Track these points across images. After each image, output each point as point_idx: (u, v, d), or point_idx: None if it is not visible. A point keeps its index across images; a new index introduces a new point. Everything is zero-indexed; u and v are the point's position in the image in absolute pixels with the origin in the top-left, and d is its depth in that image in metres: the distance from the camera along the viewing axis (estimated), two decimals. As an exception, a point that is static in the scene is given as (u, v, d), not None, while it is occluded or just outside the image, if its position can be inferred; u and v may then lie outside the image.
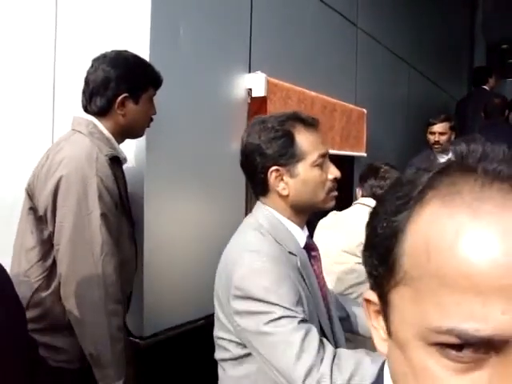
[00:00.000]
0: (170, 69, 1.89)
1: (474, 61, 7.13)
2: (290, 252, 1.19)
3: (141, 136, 1.68)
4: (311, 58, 2.84)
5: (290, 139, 1.21)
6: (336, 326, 1.31)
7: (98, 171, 1.43)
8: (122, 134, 1.61)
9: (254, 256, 1.13)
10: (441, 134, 3.61)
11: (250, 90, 2.28)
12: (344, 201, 3.21)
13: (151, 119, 1.67)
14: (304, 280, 1.17)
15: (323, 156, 1.24)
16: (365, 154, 3.34)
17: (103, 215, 1.42)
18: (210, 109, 2.11)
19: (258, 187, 1.27)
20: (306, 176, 1.22)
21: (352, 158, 3.32)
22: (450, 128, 3.64)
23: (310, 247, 1.30)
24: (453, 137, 3.68)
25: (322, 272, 1.31)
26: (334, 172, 1.26)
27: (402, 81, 4.40)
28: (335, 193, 1.28)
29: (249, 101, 2.29)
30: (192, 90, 2.02)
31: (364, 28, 3.46)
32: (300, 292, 1.12)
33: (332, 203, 1.29)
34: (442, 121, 3.63)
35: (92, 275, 1.40)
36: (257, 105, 2.29)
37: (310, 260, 1.27)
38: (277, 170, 1.21)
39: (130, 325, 1.78)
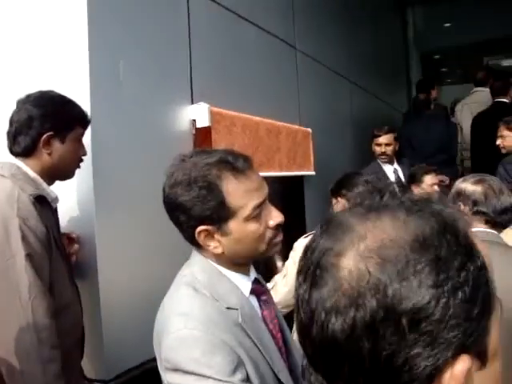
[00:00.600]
0: (113, 105, 1.89)
1: (410, 72, 7.42)
2: (228, 308, 1.05)
3: (70, 177, 1.65)
4: (254, 83, 2.87)
5: (216, 195, 1.02)
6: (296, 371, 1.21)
7: (20, 211, 1.38)
8: (50, 174, 1.57)
9: (181, 321, 1.00)
10: (386, 145, 3.74)
11: (194, 121, 2.28)
12: (296, 221, 3.25)
13: (81, 159, 1.65)
14: (249, 336, 1.03)
15: (260, 206, 1.06)
16: (313, 173, 3.39)
17: (28, 256, 1.36)
18: (155, 143, 2.09)
19: (188, 240, 1.10)
20: (240, 233, 1.05)
21: (301, 177, 3.36)
22: (394, 139, 3.77)
23: (257, 292, 1.15)
24: (397, 147, 3.82)
25: (275, 317, 1.17)
26: (275, 218, 1.09)
27: (344, 97, 4.51)
28: (279, 238, 1.12)
29: (193, 132, 2.29)
30: (136, 126, 2.00)
31: (303, 50, 3.54)
32: (241, 355, 0.99)
33: (275, 250, 1.13)
34: (387, 132, 3.74)
35: (21, 320, 1.32)
36: (202, 135, 2.30)
37: (260, 306, 1.15)
38: (205, 230, 1.04)
39: (90, 369, 1.73)
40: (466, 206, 1.72)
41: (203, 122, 2.26)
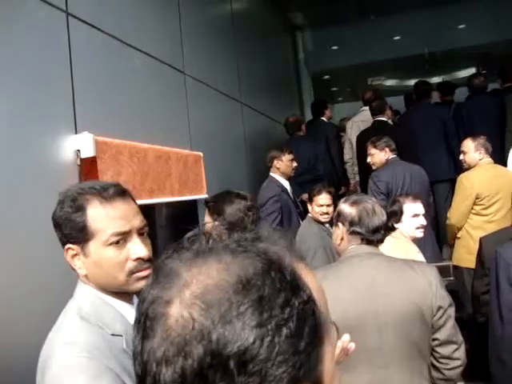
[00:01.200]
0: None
1: (302, 92, 7.76)
2: (113, 334, 1.08)
3: None
4: (142, 110, 2.88)
5: (80, 216, 1.10)
6: None
7: None
8: None
9: (67, 351, 1.03)
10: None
11: (79, 151, 2.24)
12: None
13: None
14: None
15: (120, 234, 1.11)
16: (206, 196, 3.44)
17: None
18: (37, 175, 2.03)
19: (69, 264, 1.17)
20: (97, 257, 1.10)
21: (194, 201, 3.40)
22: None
23: None
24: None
25: None
26: (137, 251, 1.12)
27: (236, 119, 4.63)
28: (143, 273, 1.13)
29: (78, 162, 2.25)
30: (15, 158, 1.93)
31: (191, 74, 3.59)
32: (126, 382, 1.01)
33: (139, 285, 1.12)
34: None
35: None
36: (87, 165, 2.26)
37: None
38: (71, 249, 1.12)
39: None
40: (344, 226, 1.87)
41: (87, 152, 2.23)
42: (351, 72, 8.36)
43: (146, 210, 2.72)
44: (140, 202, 2.51)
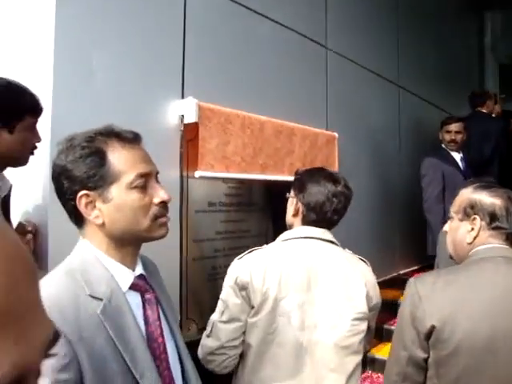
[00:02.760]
0: (82, 97, 1.81)
1: (484, 80, 6.87)
2: (91, 296, 0.98)
3: (23, 164, 1.58)
4: (268, 82, 2.72)
5: (99, 158, 1.03)
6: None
7: None
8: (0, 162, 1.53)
9: None
10: (456, 132, 3.85)
11: (183, 116, 2.17)
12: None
13: (34, 147, 1.58)
14: (106, 330, 0.96)
15: (144, 176, 1.05)
16: (337, 181, 3.16)
17: None
18: (142, 136, 2.00)
19: (72, 217, 1.08)
20: (121, 200, 1.03)
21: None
22: (464, 128, 3.88)
23: (141, 289, 1.10)
24: (465, 137, 3.91)
25: (158, 319, 1.10)
26: (160, 195, 1.08)
27: (390, 103, 4.21)
28: (165, 219, 1.10)
29: (182, 128, 2.18)
30: (111, 119, 1.92)
31: (335, 49, 3.33)
32: (79, 352, 0.91)
33: (162, 231, 1.09)
34: (457, 121, 3.87)
35: None
36: (190, 131, 2.18)
37: (143, 304, 1.09)
38: (86, 196, 1.03)
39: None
40: (483, 220, 1.47)
41: (191, 117, 2.14)
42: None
43: (261, 186, 2.61)
44: (248, 176, 2.39)
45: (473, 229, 1.48)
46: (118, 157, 1.04)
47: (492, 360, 1.28)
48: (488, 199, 1.47)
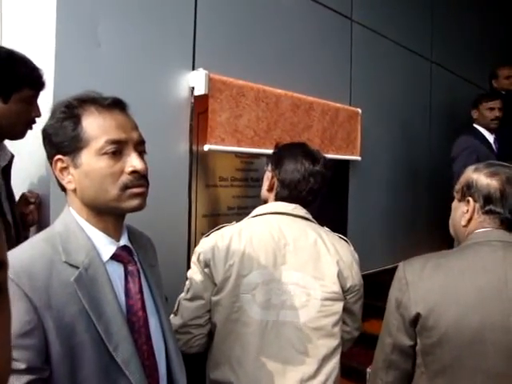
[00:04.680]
0: (87, 68, 1.78)
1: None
2: (67, 263, 0.96)
3: (19, 138, 1.57)
4: (287, 54, 2.63)
5: (74, 123, 1.00)
6: (172, 363, 1.12)
7: None
8: None
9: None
10: (500, 109, 3.62)
11: (193, 88, 2.12)
12: (339, 206, 2.97)
13: (33, 121, 1.56)
14: (80, 300, 0.94)
15: (116, 143, 1.00)
16: (359, 158, 3.06)
17: None
18: (151, 109, 1.97)
19: (58, 183, 1.07)
20: (89, 166, 1.00)
21: (346, 161, 3.06)
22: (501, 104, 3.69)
23: (124, 260, 1.07)
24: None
25: (140, 292, 1.07)
26: (133, 164, 1.02)
27: (421, 79, 4.04)
28: (138, 189, 1.03)
29: (192, 100, 2.13)
30: (118, 91, 1.89)
31: (361, 21, 3.19)
32: (45, 320, 0.88)
33: (133, 203, 1.03)
34: (497, 98, 3.62)
35: None
36: (201, 104, 2.13)
37: (125, 276, 1.06)
38: (61, 160, 1.02)
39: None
40: (477, 201, 1.38)
41: (201, 89, 2.09)
42: None
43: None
44: (262, 151, 2.33)
45: (468, 210, 1.38)
46: (92, 122, 1.01)
47: (480, 351, 1.19)
48: (485, 180, 1.36)
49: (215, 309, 1.52)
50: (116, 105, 1.06)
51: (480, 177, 1.38)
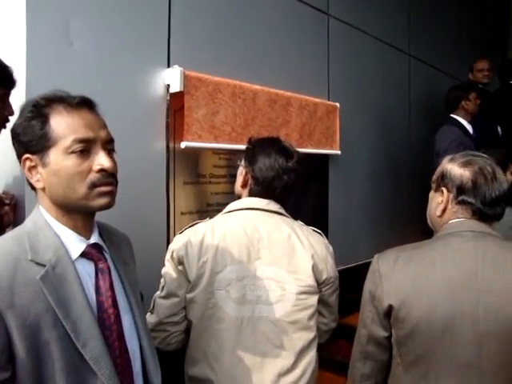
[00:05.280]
0: (60, 67, 1.77)
1: (508, 49, 6.57)
2: (33, 261, 0.96)
3: None
4: (264, 50, 2.63)
5: (42, 122, 1.01)
6: (147, 361, 1.12)
7: None
8: None
9: None
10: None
11: (169, 85, 2.11)
12: (319, 200, 2.99)
13: (6, 119, 1.55)
14: (46, 298, 0.94)
15: (84, 142, 1.01)
16: (338, 152, 3.08)
17: None
18: (125, 107, 1.97)
19: (26, 181, 1.08)
20: (57, 165, 1.01)
21: (326, 156, 3.07)
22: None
23: (94, 258, 1.08)
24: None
25: (110, 289, 1.07)
26: (101, 162, 1.03)
27: (399, 73, 4.07)
28: (106, 188, 1.04)
29: (168, 97, 2.12)
30: (105, 88, 1.89)
31: (338, 16, 3.20)
32: (8, 319, 0.89)
33: (102, 201, 1.04)
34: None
35: None
36: (177, 101, 2.12)
37: (96, 274, 1.06)
38: (30, 159, 1.03)
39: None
40: (450, 192, 1.39)
41: (176, 86, 2.08)
42: None
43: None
44: (239, 146, 2.32)
45: (442, 201, 1.40)
46: (59, 121, 1.02)
47: (451, 341, 1.21)
48: (458, 170, 1.37)
49: (190, 306, 1.53)
50: (84, 104, 1.07)
51: (454, 167, 1.40)
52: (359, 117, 3.45)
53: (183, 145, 2.09)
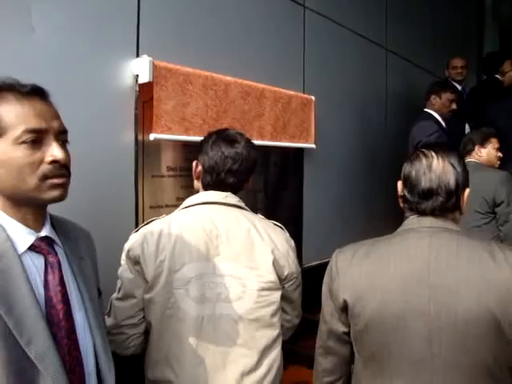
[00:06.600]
0: (22, 58, 1.70)
1: (483, 44, 6.63)
2: None
3: None
4: (236, 42, 2.58)
5: None
6: (100, 360, 1.08)
7: None
8: None
9: None
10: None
11: (138, 76, 2.05)
12: (294, 194, 2.96)
13: None
14: None
15: (35, 132, 0.98)
16: (313, 146, 3.05)
17: None
18: (92, 97, 1.90)
19: None
20: (5, 156, 0.96)
21: (301, 149, 3.04)
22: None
23: (42, 251, 1.03)
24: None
25: (60, 284, 1.03)
26: (53, 153, 0.99)
27: (376, 67, 4.06)
28: (58, 180, 1.00)
29: (137, 88, 2.06)
30: (70, 78, 1.82)
31: (313, 7, 3.17)
32: None
33: (54, 194, 1.00)
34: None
35: None
36: (146, 92, 2.07)
37: (46, 268, 1.02)
38: None
39: None
40: (405, 187, 1.37)
41: (145, 77, 2.03)
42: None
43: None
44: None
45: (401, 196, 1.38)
46: (9, 110, 0.98)
47: (403, 337, 1.20)
48: (407, 166, 1.35)
49: (149, 307, 1.48)
50: (36, 92, 1.02)
51: (407, 162, 1.37)
52: (335, 110, 3.42)
53: (152, 137, 2.03)
